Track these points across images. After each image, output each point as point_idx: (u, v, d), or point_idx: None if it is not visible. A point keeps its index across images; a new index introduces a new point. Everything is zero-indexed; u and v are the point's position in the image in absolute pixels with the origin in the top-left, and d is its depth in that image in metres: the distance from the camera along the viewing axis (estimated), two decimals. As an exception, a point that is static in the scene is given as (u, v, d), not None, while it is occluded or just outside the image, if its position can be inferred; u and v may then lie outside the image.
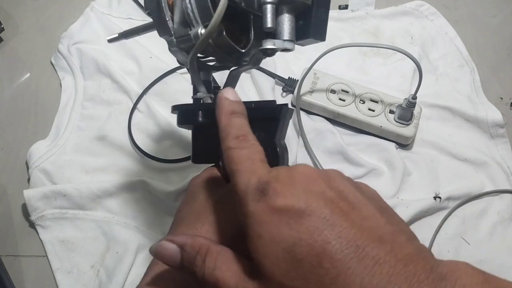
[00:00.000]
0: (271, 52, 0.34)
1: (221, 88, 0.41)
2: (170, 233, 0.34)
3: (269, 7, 0.31)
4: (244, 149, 0.27)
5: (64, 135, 0.63)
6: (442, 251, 0.55)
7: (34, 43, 0.75)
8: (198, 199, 0.34)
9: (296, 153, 0.61)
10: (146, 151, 0.61)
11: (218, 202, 0.32)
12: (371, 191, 0.28)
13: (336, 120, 0.64)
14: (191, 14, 0.31)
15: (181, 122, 0.37)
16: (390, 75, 0.70)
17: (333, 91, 0.64)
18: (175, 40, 0.33)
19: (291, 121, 0.64)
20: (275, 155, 0.36)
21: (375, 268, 0.21)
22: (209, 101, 0.37)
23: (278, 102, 0.36)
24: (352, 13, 0.77)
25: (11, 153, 0.63)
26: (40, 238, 0.55)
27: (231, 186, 0.26)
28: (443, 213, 0.57)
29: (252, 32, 0.36)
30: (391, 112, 0.62)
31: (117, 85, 0.67)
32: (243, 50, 0.35)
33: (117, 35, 0.42)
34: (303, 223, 0.22)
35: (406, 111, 0.61)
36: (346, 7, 0.78)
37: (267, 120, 0.36)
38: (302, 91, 0.63)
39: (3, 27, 0.74)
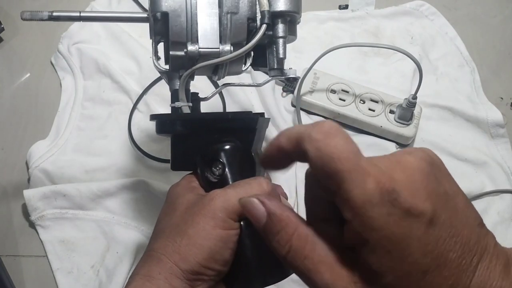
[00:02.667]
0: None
1: (200, 95, 0.43)
2: (149, 244, 0.34)
3: (281, 41, 0.38)
4: (338, 142, 0.22)
5: (64, 135, 0.63)
6: (442, 251, 0.55)
7: (34, 43, 0.75)
8: (177, 210, 0.34)
9: (296, 153, 0.61)
10: (146, 151, 0.61)
11: (197, 215, 0.32)
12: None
13: (336, 120, 0.64)
14: (227, 31, 0.35)
15: (160, 131, 0.38)
16: (390, 75, 0.70)
17: (333, 91, 0.64)
18: (198, 49, 0.36)
19: (291, 121, 0.64)
20: (252, 164, 0.37)
21: (486, 272, 0.21)
22: (188, 110, 0.39)
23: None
24: (352, 13, 0.77)
25: (11, 153, 0.63)
26: (40, 238, 0.55)
27: (338, 192, 0.22)
28: (443, 213, 0.57)
29: (252, 55, 0.40)
30: (391, 112, 0.62)
31: (117, 85, 0.67)
32: (244, 69, 0.40)
33: (77, 14, 0.42)
34: (431, 233, 0.21)
35: (406, 111, 0.61)
36: (346, 7, 0.78)
37: (244, 130, 0.37)
38: (302, 91, 0.63)
39: (3, 27, 0.74)
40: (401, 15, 0.77)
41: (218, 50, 0.36)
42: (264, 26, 0.36)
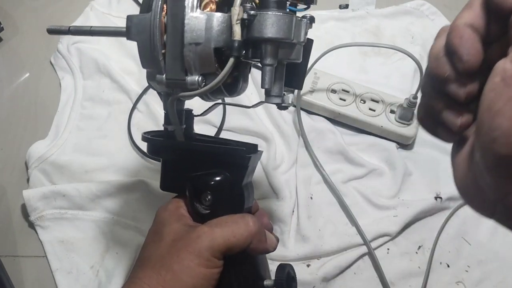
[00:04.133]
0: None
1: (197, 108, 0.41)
2: (134, 271, 0.34)
3: (267, 69, 0.32)
4: None
5: (63, 135, 0.63)
6: (443, 251, 0.54)
7: (34, 43, 0.75)
8: (164, 240, 0.34)
9: (296, 153, 0.61)
10: (146, 151, 0.61)
11: (183, 251, 0.32)
12: None
13: (337, 120, 0.63)
14: (191, 62, 0.32)
15: (150, 153, 0.38)
16: (390, 74, 0.69)
17: (333, 91, 0.64)
18: (165, 79, 0.33)
19: (291, 121, 0.64)
20: (241, 197, 0.37)
21: None
22: (181, 133, 0.36)
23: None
24: (352, 12, 0.77)
25: (10, 153, 0.63)
26: (39, 239, 0.55)
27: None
28: (444, 214, 0.57)
29: (242, 77, 0.38)
30: (392, 112, 0.62)
31: (117, 85, 0.67)
32: (233, 96, 0.37)
33: (63, 28, 0.38)
34: None
35: (407, 111, 0.60)
36: (346, 6, 0.78)
37: (235, 166, 0.36)
38: (302, 91, 0.63)
39: (3, 27, 0.74)
40: (401, 14, 0.77)
41: (184, 81, 0.32)
42: (231, 59, 0.31)
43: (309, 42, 0.34)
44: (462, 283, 0.53)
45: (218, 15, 0.31)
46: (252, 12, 0.30)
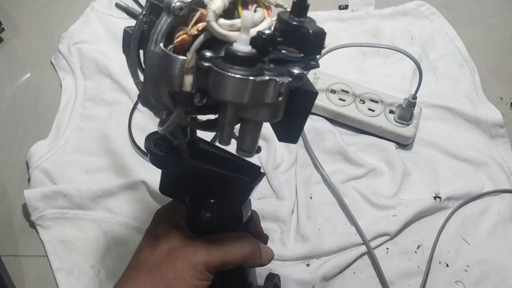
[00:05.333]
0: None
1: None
2: (128, 272, 0.35)
3: (225, 126, 0.28)
4: None
5: (64, 135, 0.63)
6: (442, 251, 0.55)
7: (34, 43, 0.75)
8: (160, 247, 0.35)
9: (296, 153, 0.61)
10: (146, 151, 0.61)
11: (178, 261, 0.33)
12: None
13: (336, 120, 0.64)
14: (151, 97, 0.29)
15: (153, 164, 0.36)
16: (390, 75, 0.70)
17: (333, 91, 0.64)
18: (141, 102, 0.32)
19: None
20: (240, 217, 0.37)
21: None
22: (185, 149, 0.34)
23: None
24: (352, 13, 0.77)
25: (11, 153, 0.63)
26: (40, 238, 0.55)
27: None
28: (443, 213, 0.57)
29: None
30: (391, 112, 0.62)
31: (118, 85, 0.67)
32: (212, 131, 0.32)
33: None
34: None
35: (406, 111, 0.61)
36: (346, 7, 0.78)
37: (238, 192, 0.35)
38: (302, 91, 0.63)
39: (3, 27, 0.74)
40: (401, 15, 0.77)
41: (158, 119, 0.30)
42: (177, 109, 0.27)
43: (310, 95, 0.28)
44: (461, 282, 0.53)
45: (175, 57, 0.26)
46: (205, 64, 0.25)
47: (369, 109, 0.62)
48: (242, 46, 0.25)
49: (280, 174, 0.59)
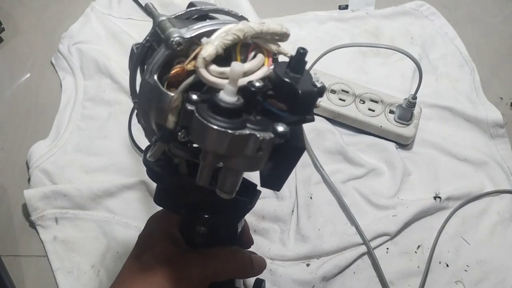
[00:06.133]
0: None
1: None
2: (123, 276, 0.36)
3: (204, 168, 0.27)
4: None
5: (64, 135, 0.63)
6: (442, 251, 0.55)
7: (34, 43, 0.75)
8: (156, 256, 0.35)
9: (296, 153, 0.61)
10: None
11: (175, 273, 0.34)
12: None
13: (336, 120, 0.64)
14: (144, 125, 0.29)
15: (150, 177, 0.34)
16: (390, 75, 0.70)
17: (333, 91, 0.64)
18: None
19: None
20: (234, 232, 0.37)
21: None
22: (184, 165, 0.33)
23: None
24: (352, 13, 0.77)
25: (11, 153, 0.63)
26: (40, 238, 0.55)
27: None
28: (443, 213, 0.57)
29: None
30: (391, 112, 0.62)
31: (118, 85, 0.67)
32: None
33: None
34: None
35: (406, 111, 0.61)
36: (346, 7, 0.78)
37: (235, 211, 0.35)
38: (302, 91, 0.63)
39: (3, 27, 0.74)
40: (401, 15, 0.77)
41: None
42: (158, 144, 0.28)
43: (296, 150, 0.26)
44: (461, 282, 0.53)
45: (163, 92, 0.25)
46: (189, 107, 0.24)
47: (369, 109, 0.62)
48: (228, 97, 0.23)
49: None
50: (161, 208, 0.38)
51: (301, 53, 0.25)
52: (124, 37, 0.72)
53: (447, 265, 0.54)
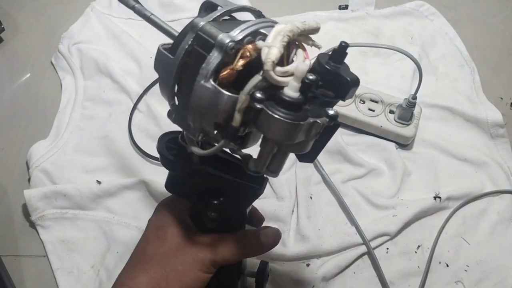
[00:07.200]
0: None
1: None
2: (137, 262, 0.37)
3: (263, 156, 0.30)
4: None
5: (64, 135, 0.63)
6: (442, 251, 0.55)
7: (34, 43, 0.75)
8: (168, 240, 0.37)
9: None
10: (146, 151, 0.61)
11: (187, 256, 0.36)
12: None
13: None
14: (192, 122, 0.31)
15: (163, 165, 0.37)
16: (390, 75, 0.70)
17: (333, 91, 0.64)
18: (173, 119, 0.34)
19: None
20: (243, 217, 0.39)
21: None
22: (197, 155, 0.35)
23: None
24: (352, 13, 0.77)
25: (11, 153, 0.63)
26: (40, 238, 0.55)
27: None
28: (443, 213, 0.57)
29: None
30: (391, 112, 0.62)
31: (118, 85, 0.67)
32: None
33: (130, 2, 0.36)
34: None
35: (406, 111, 0.61)
36: (346, 7, 0.78)
37: (245, 197, 0.37)
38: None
39: (3, 27, 0.74)
40: (401, 15, 0.77)
41: (185, 131, 0.33)
42: (221, 142, 0.30)
43: (333, 128, 0.31)
44: (461, 282, 0.53)
45: (226, 95, 0.28)
46: (258, 106, 0.27)
47: (369, 109, 0.62)
48: (293, 92, 0.27)
49: (280, 174, 0.59)
50: (170, 194, 0.39)
51: (344, 46, 0.28)
52: (124, 37, 0.72)
53: (447, 265, 0.54)
